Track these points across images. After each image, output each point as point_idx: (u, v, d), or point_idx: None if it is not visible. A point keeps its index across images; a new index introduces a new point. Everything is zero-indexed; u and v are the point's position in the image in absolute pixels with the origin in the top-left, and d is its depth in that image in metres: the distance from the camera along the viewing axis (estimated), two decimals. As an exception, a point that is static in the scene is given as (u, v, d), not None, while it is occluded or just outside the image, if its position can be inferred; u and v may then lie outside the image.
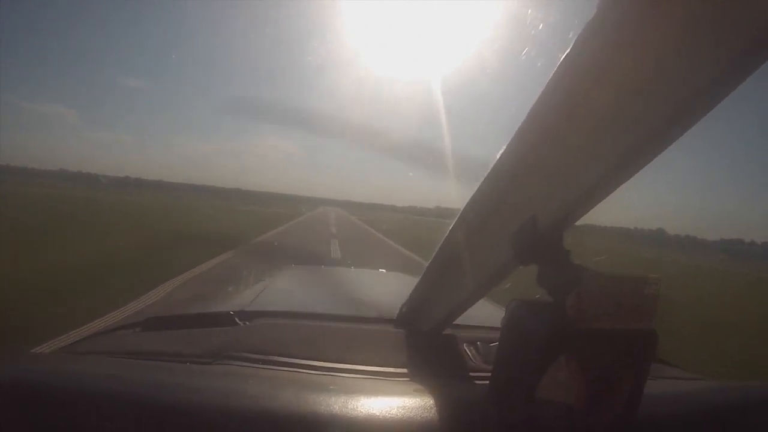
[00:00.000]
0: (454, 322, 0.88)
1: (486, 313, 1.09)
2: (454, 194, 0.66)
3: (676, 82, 0.39)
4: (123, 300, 4.02)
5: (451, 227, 0.73)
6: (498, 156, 0.58)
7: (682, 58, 0.38)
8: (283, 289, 1.79)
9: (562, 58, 0.45)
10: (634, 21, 0.40)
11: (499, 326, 0.51)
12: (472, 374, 0.77)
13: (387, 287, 2.04)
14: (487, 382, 0.53)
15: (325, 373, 0.69)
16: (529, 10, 0.65)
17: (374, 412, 0.51)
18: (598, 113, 0.46)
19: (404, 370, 0.74)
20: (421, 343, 0.88)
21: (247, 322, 0.98)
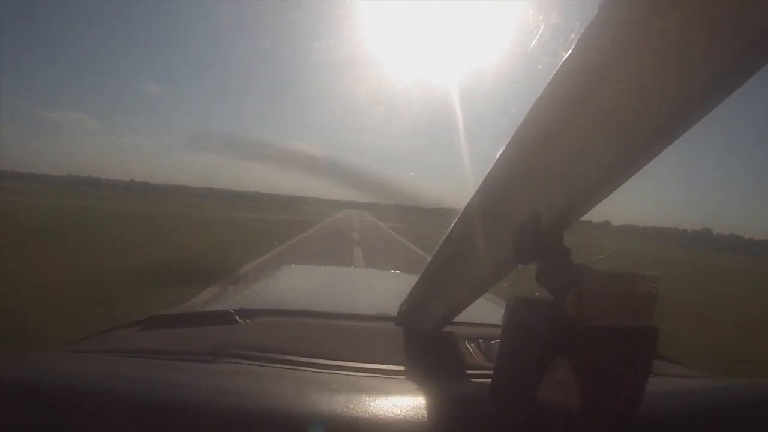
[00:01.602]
0: (455, 320, 0.88)
1: (486, 311, 1.09)
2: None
3: (677, 82, 0.39)
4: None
5: (452, 225, 0.73)
6: (498, 154, 0.58)
7: (684, 57, 0.38)
8: (283, 288, 1.79)
9: (563, 58, 0.45)
10: (636, 21, 0.40)
11: (500, 323, 0.51)
12: (472, 372, 0.77)
13: (387, 286, 2.04)
14: (488, 380, 0.54)
15: (325, 371, 0.70)
16: (531, 11, 0.65)
17: (375, 410, 0.51)
18: (599, 112, 0.46)
19: (404, 368, 0.74)
20: (421, 341, 0.88)
21: (248, 321, 0.98)
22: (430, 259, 0.83)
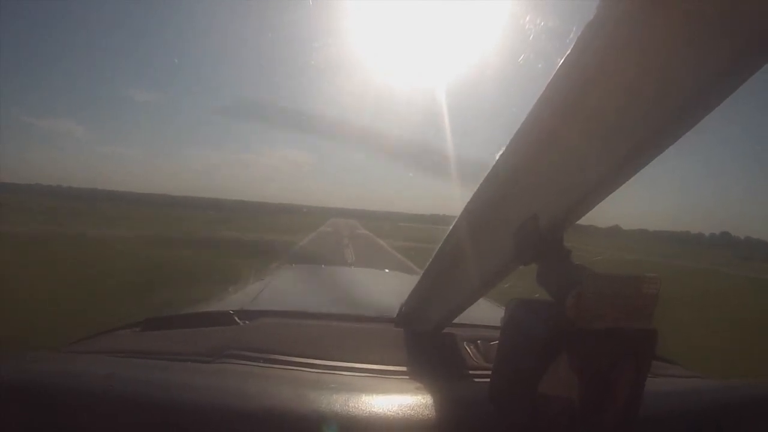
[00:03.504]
0: (454, 321, 0.88)
1: (486, 313, 1.09)
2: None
3: (676, 83, 0.39)
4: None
5: (452, 226, 0.73)
6: (498, 155, 0.58)
7: (682, 58, 0.38)
8: (283, 289, 1.79)
9: (562, 59, 0.45)
10: (634, 22, 0.40)
11: (499, 325, 0.52)
12: (472, 373, 0.77)
13: (387, 287, 2.04)
14: (487, 380, 0.54)
15: (325, 371, 0.69)
16: (529, 14, 0.65)
17: (375, 410, 0.51)
18: (598, 113, 0.46)
19: (404, 369, 0.74)
20: (421, 341, 0.88)
21: (247, 321, 0.98)
22: (430, 260, 0.83)
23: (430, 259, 0.83)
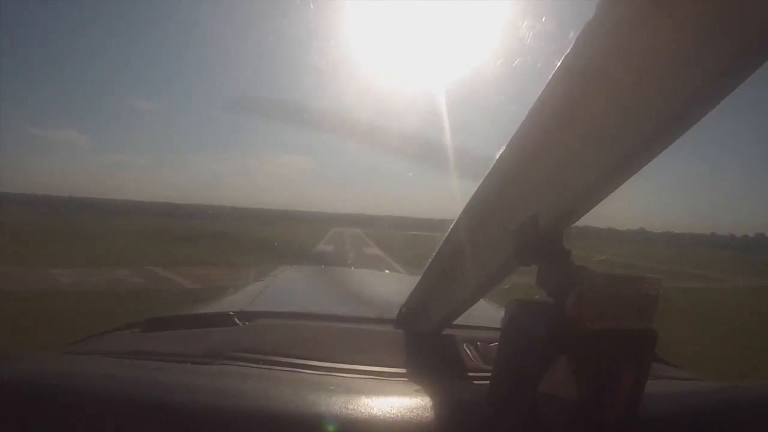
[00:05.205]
0: (454, 323, 0.88)
1: (486, 314, 1.09)
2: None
3: (675, 83, 0.39)
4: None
5: (451, 227, 0.73)
6: (497, 156, 0.58)
7: (682, 57, 0.38)
8: (283, 290, 1.79)
9: (561, 59, 0.45)
10: (633, 21, 0.40)
11: (499, 326, 0.51)
12: (471, 374, 0.77)
13: (386, 288, 2.04)
14: (487, 382, 0.53)
15: (324, 373, 0.69)
16: (529, 15, 0.65)
17: (374, 412, 0.51)
18: (598, 113, 0.46)
19: (404, 370, 0.74)
20: (420, 343, 0.88)
21: (247, 323, 0.98)
22: (430, 260, 0.83)
23: (431, 260, 0.83)
